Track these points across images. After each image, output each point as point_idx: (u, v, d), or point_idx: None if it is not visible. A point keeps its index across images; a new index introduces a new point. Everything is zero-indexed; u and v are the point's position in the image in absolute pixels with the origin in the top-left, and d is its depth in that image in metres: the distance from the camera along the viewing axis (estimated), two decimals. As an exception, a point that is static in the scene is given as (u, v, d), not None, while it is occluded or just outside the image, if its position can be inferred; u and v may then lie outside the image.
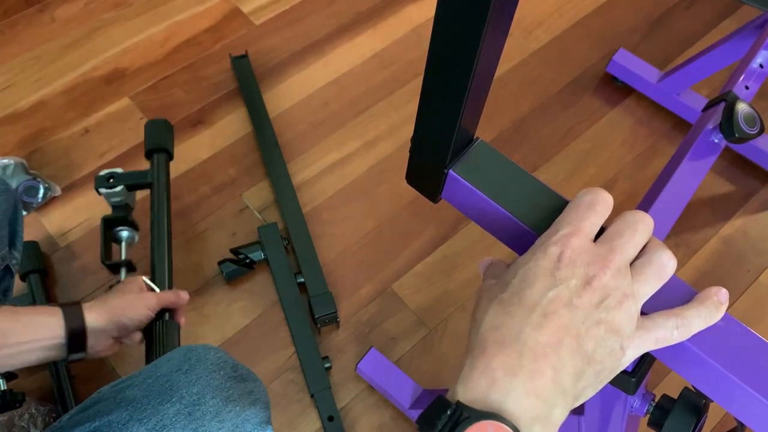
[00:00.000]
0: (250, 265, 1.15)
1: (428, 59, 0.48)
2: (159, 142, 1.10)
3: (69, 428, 0.64)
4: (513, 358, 0.38)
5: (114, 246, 1.09)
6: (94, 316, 0.77)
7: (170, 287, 0.99)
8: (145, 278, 0.93)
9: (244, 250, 1.15)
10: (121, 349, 0.88)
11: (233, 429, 0.67)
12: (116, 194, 1.04)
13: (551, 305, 0.40)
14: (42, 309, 0.74)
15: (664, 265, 0.43)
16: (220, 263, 1.14)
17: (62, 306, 0.75)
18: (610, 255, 0.41)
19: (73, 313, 0.75)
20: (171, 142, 1.12)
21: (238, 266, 1.14)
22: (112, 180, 1.03)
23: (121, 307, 0.82)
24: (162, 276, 0.99)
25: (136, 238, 1.09)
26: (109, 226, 1.06)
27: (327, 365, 1.09)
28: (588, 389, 0.41)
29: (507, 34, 0.48)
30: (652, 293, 0.43)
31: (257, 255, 1.15)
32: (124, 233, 1.07)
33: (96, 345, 0.78)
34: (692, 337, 0.45)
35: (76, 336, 0.74)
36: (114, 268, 1.06)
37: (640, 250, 0.44)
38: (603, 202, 0.44)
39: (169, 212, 1.06)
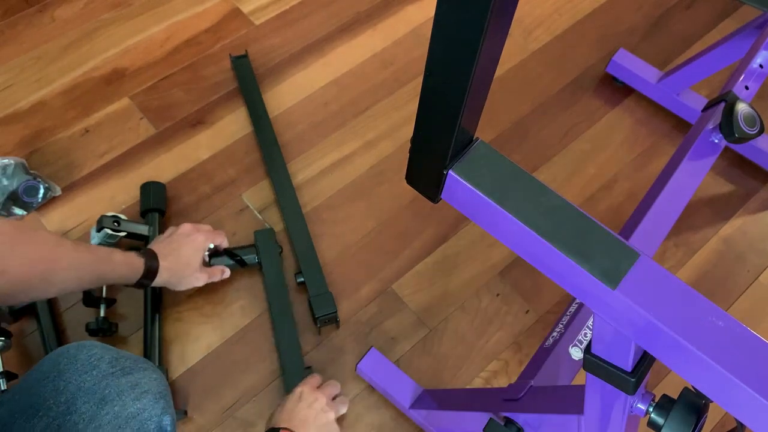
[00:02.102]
0: (242, 263, 1.15)
1: (428, 59, 0.48)
2: (155, 204, 1.19)
3: None
4: None
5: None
6: (162, 270, 0.98)
7: (161, 335, 1.10)
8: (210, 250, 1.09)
9: (239, 251, 1.14)
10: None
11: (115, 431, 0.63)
12: (114, 237, 1.12)
13: None
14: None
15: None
16: (211, 256, 1.11)
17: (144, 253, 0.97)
18: None
19: (151, 257, 0.97)
20: (165, 202, 1.21)
21: (230, 259, 1.13)
22: (117, 224, 1.11)
23: (176, 278, 1.02)
24: (154, 317, 1.09)
25: None
26: None
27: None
28: None
29: (507, 34, 0.48)
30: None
31: (251, 258, 1.15)
32: None
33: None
34: (692, 337, 0.45)
35: (150, 274, 0.97)
36: (95, 304, 1.08)
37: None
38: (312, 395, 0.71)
39: None
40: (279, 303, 1.13)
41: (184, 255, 1.04)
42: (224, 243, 1.12)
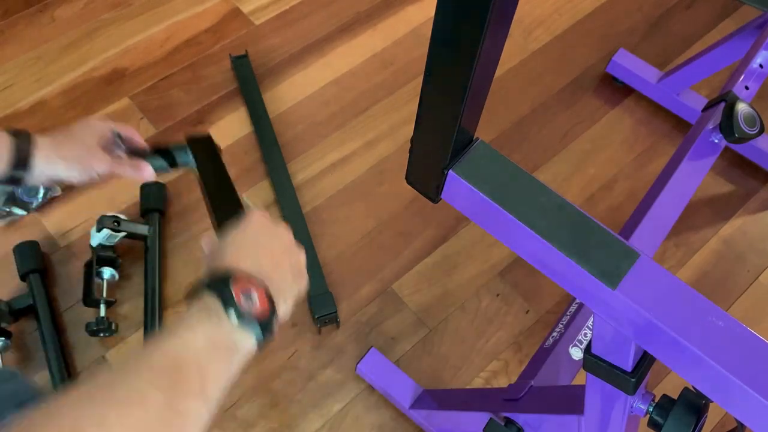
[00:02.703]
0: (173, 163, 0.88)
1: (428, 59, 0.48)
2: (155, 204, 1.19)
3: None
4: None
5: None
6: (41, 144, 0.75)
7: (160, 325, 1.10)
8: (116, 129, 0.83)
9: (172, 149, 0.88)
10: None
11: None
12: (114, 237, 1.10)
13: None
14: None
15: None
16: (131, 155, 0.85)
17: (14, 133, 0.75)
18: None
19: (23, 134, 0.74)
20: (165, 202, 1.21)
21: (163, 161, 0.88)
22: (117, 224, 1.09)
23: (64, 155, 0.77)
24: (154, 317, 1.10)
25: (117, 277, 1.11)
26: (98, 263, 1.09)
27: None
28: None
29: (507, 34, 0.48)
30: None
31: (184, 156, 0.88)
32: (107, 272, 1.10)
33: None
34: (692, 337, 0.45)
35: (22, 152, 0.73)
36: (95, 304, 1.08)
37: None
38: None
39: (161, 262, 1.16)
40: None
41: (74, 130, 0.80)
42: (133, 134, 0.85)
